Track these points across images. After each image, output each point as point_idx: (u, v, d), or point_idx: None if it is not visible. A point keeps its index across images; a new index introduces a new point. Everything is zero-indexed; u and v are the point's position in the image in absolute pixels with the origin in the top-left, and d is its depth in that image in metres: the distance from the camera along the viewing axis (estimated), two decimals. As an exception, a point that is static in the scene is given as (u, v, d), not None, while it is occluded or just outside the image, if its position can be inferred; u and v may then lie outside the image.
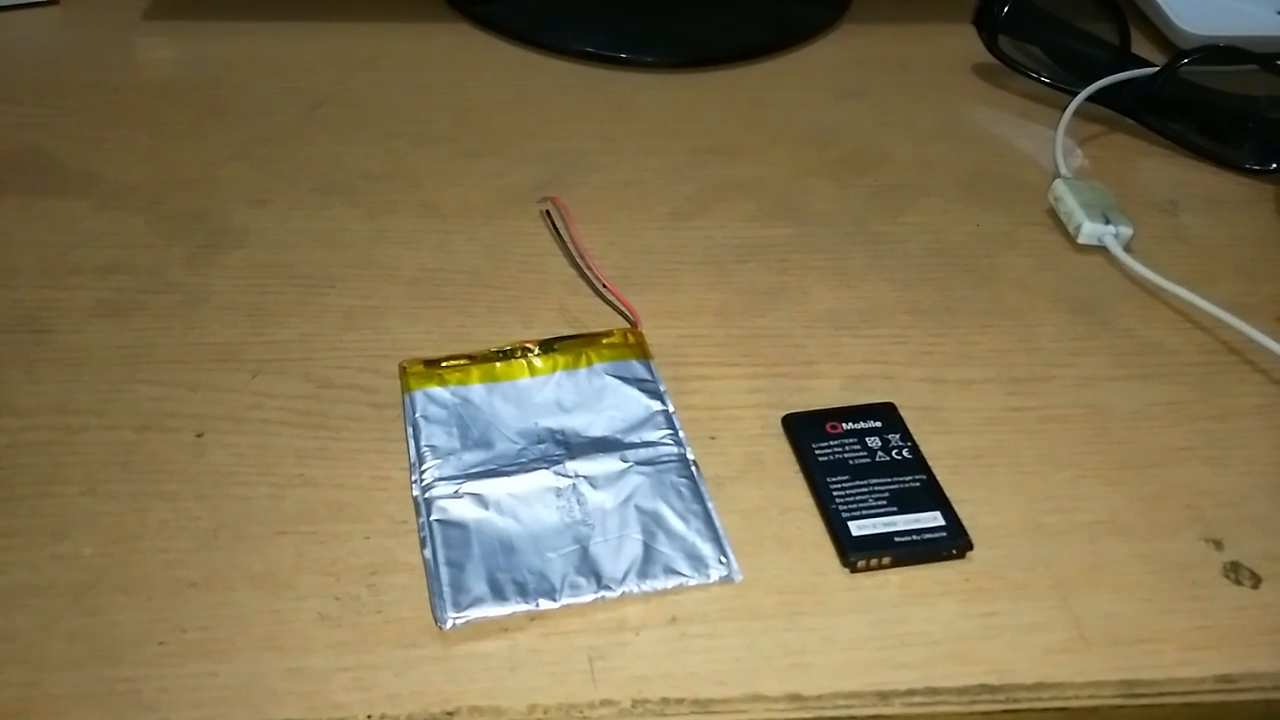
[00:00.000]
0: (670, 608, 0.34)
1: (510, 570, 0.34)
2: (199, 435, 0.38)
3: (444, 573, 0.34)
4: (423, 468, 0.37)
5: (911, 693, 0.32)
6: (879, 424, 0.39)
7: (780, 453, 0.39)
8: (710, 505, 0.36)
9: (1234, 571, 0.36)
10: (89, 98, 0.54)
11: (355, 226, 0.48)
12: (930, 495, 0.37)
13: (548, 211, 0.48)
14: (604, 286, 0.44)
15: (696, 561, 0.35)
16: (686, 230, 0.49)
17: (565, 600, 0.33)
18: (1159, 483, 0.39)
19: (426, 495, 0.36)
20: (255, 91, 0.55)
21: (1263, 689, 0.33)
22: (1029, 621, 0.34)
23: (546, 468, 0.37)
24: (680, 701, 0.32)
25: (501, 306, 0.44)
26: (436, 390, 0.39)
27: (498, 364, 0.40)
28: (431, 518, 0.35)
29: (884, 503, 0.37)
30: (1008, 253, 0.48)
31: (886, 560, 0.35)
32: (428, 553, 0.34)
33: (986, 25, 0.59)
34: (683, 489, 0.37)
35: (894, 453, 0.38)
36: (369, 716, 0.31)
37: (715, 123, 0.56)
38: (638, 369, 0.41)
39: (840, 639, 0.33)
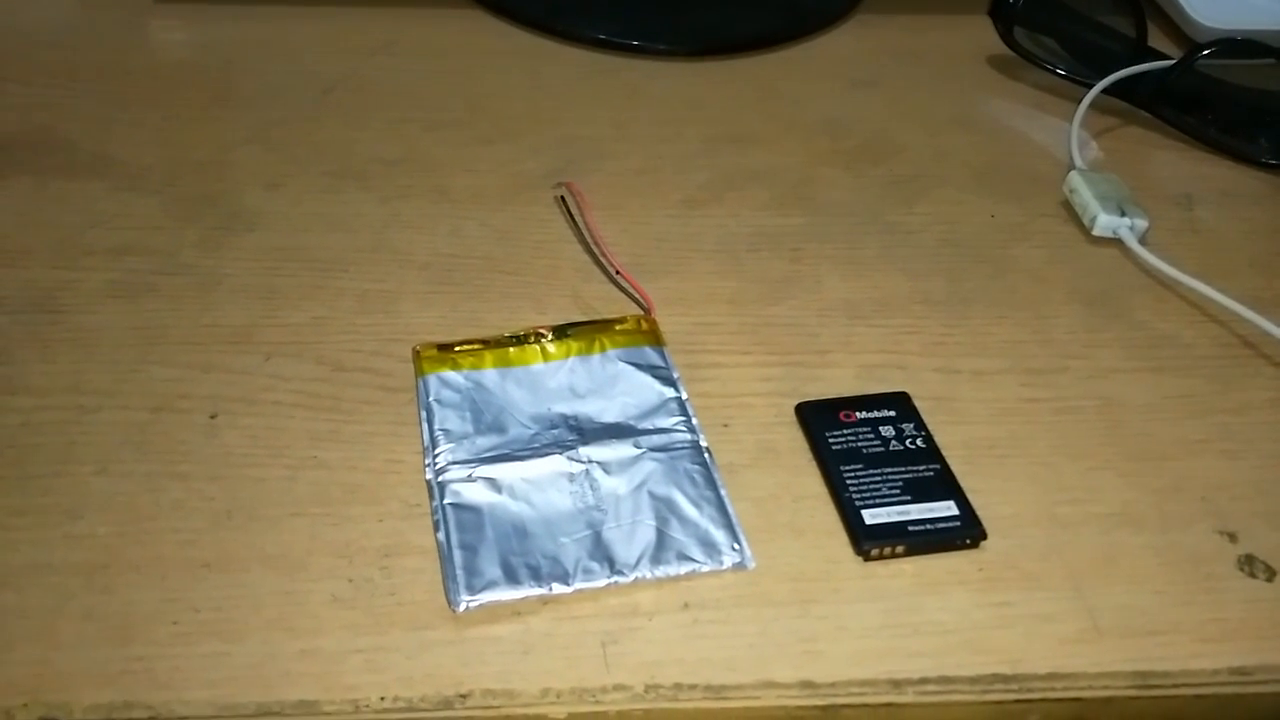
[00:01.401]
0: (683, 594, 0.34)
1: (523, 554, 0.34)
2: (212, 417, 0.38)
3: (457, 556, 0.34)
4: (436, 451, 0.37)
5: (925, 681, 0.32)
6: (893, 413, 0.39)
7: (793, 441, 0.39)
8: (723, 492, 0.36)
9: (1248, 564, 0.36)
10: (102, 80, 0.54)
11: (368, 211, 0.47)
12: (944, 485, 0.37)
13: (562, 197, 0.48)
14: (617, 273, 0.44)
15: (709, 548, 0.35)
16: (699, 218, 0.48)
17: (578, 585, 0.33)
18: (1173, 475, 0.39)
19: (440, 479, 0.36)
20: (268, 75, 0.55)
21: (1276, 681, 0.33)
22: (1042, 612, 0.34)
23: (560, 453, 0.37)
24: (693, 687, 0.32)
25: (514, 292, 0.44)
26: (450, 374, 0.39)
27: (511, 349, 0.40)
28: (445, 501, 0.35)
29: (897, 492, 0.36)
30: (1022, 244, 0.48)
31: (900, 549, 0.35)
32: (441, 536, 0.34)
33: (1001, 16, 0.59)
34: (696, 476, 0.37)
35: (908, 442, 0.38)
36: (382, 698, 0.31)
37: (729, 111, 0.55)
38: (651, 355, 0.41)
39: (853, 627, 0.33)
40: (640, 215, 0.48)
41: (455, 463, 0.36)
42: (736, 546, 0.35)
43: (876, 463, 0.37)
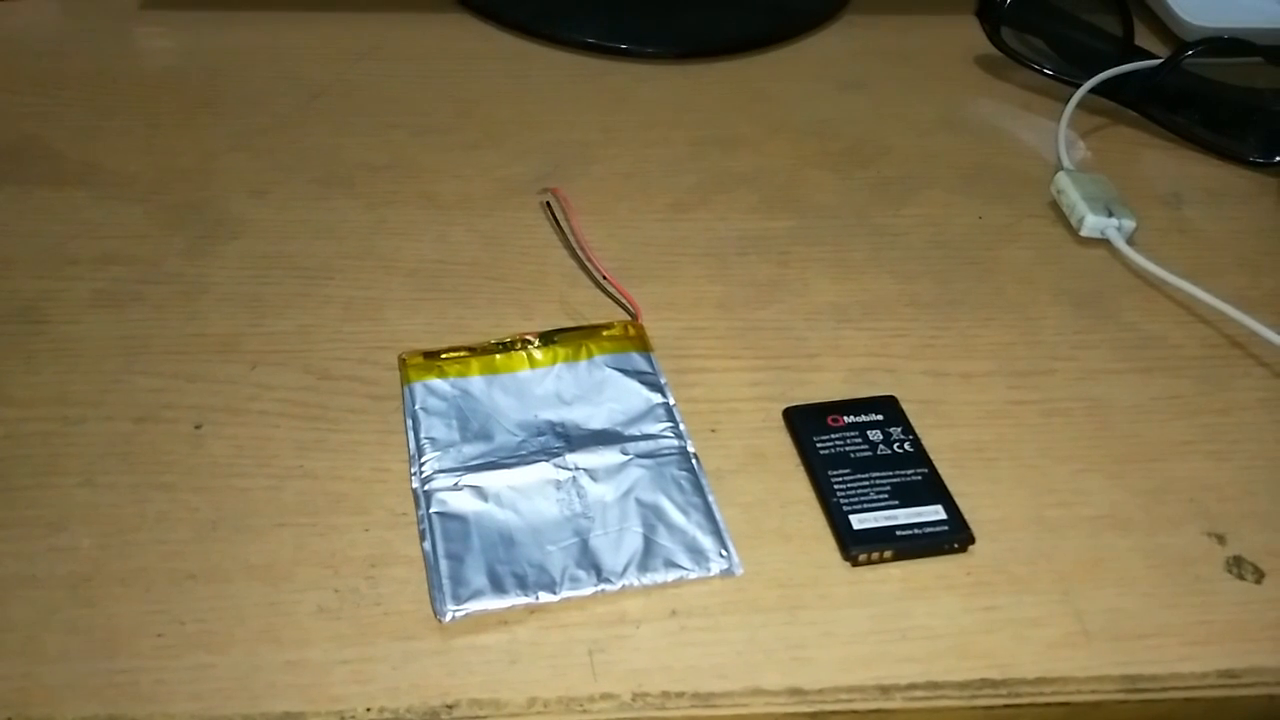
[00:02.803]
0: (671, 601, 0.34)
1: (510, 563, 0.34)
2: (197, 427, 0.38)
3: (443, 565, 0.34)
4: (422, 460, 0.37)
5: (913, 687, 0.32)
6: (880, 417, 0.39)
7: (781, 446, 0.39)
8: (711, 498, 0.36)
9: (1237, 566, 0.36)
10: (87, 87, 0.54)
11: (354, 217, 0.47)
12: (932, 489, 0.37)
13: (548, 203, 0.48)
14: (604, 278, 0.44)
15: (697, 555, 0.35)
16: (687, 222, 0.48)
17: (565, 593, 0.33)
18: (1161, 477, 0.39)
19: (426, 487, 0.36)
20: (254, 82, 0.55)
21: (1265, 684, 0.33)
22: (1031, 615, 0.34)
23: (546, 460, 0.37)
24: (680, 695, 0.32)
25: (501, 298, 0.44)
26: (436, 382, 0.39)
27: (497, 356, 0.40)
28: (431, 510, 0.35)
29: (885, 496, 0.36)
30: (1010, 245, 0.48)
31: (888, 554, 0.35)
32: (427, 545, 0.34)
33: (989, 17, 0.59)
34: (683, 482, 0.37)
35: (895, 446, 0.38)
36: (368, 709, 0.31)
37: (716, 114, 0.55)
38: (638, 361, 0.41)
39: (841, 633, 0.33)
40: (627, 219, 0.48)
41: (441, 471, 0.36)
42: (724, 553, 0.35)
43: (864, 467, 0.37)
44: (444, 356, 0.40)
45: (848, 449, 0.38)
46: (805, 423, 0.39)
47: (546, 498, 0.36)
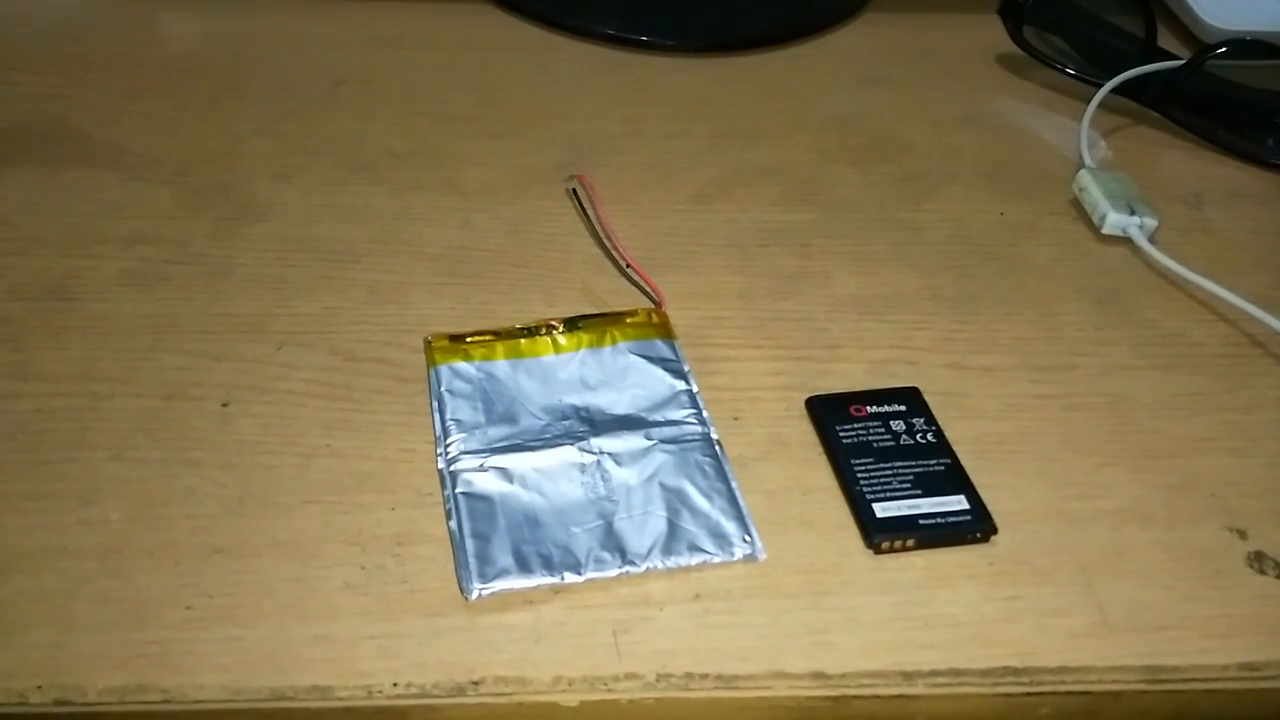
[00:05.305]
0: (694, 584, 0.34)
1: (535, 543, 0.34)
2: (225, 405, 0.38)
3: (469, 544, 0.34)
4: (448, 441, 0.37)
5: (935, 673, 0.32)
6: (903, 408, 0.39)
7: (804, 434, 0.39)
8: (734, 484, 0.36)
9: (1257, 561, 0.36)
10: (113, 70, 0.54)
11: (378, 203, 0.48)
12: (954, 479, 0.37)
13: (574, 190, 0.48)
14: (628, 266, 0.44)
15: (720, 539, 0.35)
16: (709, 213, 0.49)
17: (590, 574, 0.33)
18: (1182, 472, 0.39)
19: (452, 468, 0.36)
20: (278, 67, 0.55)
21: (1286, 677, 0.33)
22: (1052, 606, 0.34)
23: (571, 444, 0.37)
24: (704, 677, 0.32)
25: (525, 284, 0.44)
26: (461, 365, 0.39)
27: (522, 340, 0.40)
28: (457, 490, 0.35)
29: (908, 485, 0.37)
30: (1031, 242, 0.48)
31: (910, 542, 0.35)
32: (453, 524, 0.34)
33: (1011, 15, 0.59)
34: (707, 468, 0.37)
35: (918, 436, 0.38)
36: (394, 684, 0.31)
37: (738, 107, 0.56)
38: (662, 348, 0.41)
39: (864, 619, 0.33)
40: (650, 210, 0.48)
41: (467, 452, 0.36)
42: (748, 538, 0.35)
43: (887, 457, 0.37)
44: (469, 340, 0.40)
45: (870, 438, 0.38)
46: (828, 412, 0.39)
47: (571, 480, 0.36)
